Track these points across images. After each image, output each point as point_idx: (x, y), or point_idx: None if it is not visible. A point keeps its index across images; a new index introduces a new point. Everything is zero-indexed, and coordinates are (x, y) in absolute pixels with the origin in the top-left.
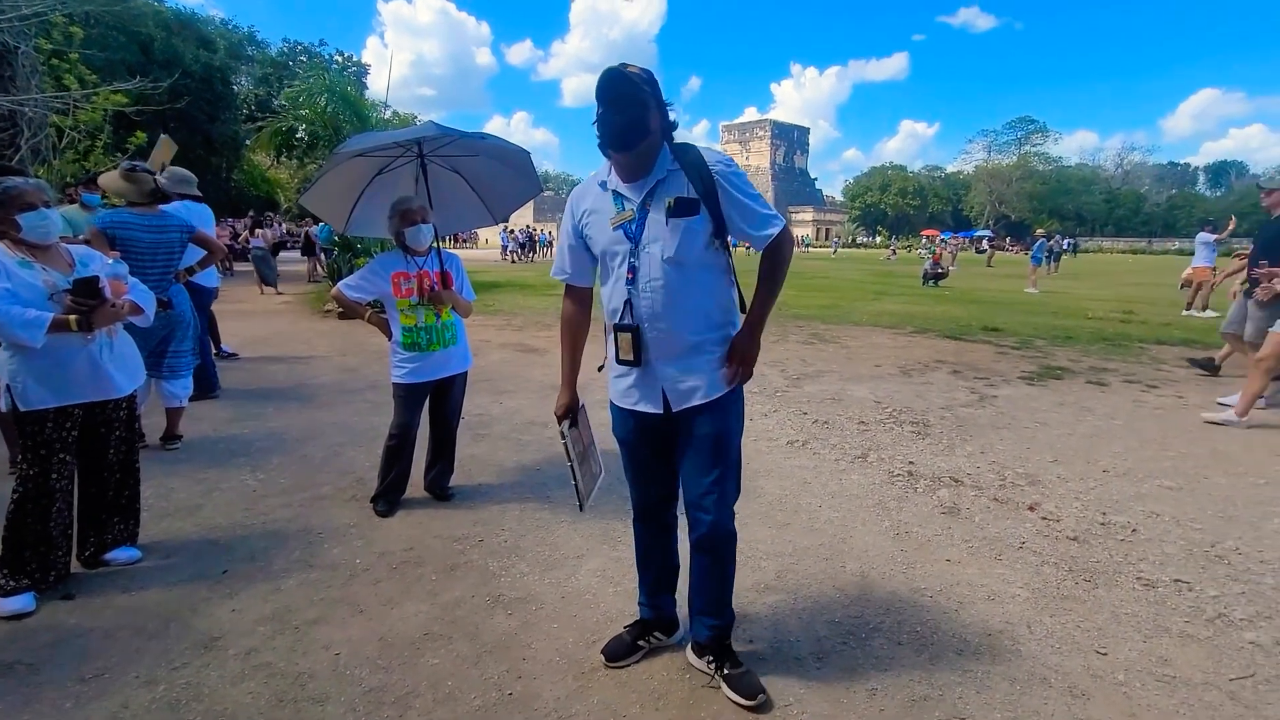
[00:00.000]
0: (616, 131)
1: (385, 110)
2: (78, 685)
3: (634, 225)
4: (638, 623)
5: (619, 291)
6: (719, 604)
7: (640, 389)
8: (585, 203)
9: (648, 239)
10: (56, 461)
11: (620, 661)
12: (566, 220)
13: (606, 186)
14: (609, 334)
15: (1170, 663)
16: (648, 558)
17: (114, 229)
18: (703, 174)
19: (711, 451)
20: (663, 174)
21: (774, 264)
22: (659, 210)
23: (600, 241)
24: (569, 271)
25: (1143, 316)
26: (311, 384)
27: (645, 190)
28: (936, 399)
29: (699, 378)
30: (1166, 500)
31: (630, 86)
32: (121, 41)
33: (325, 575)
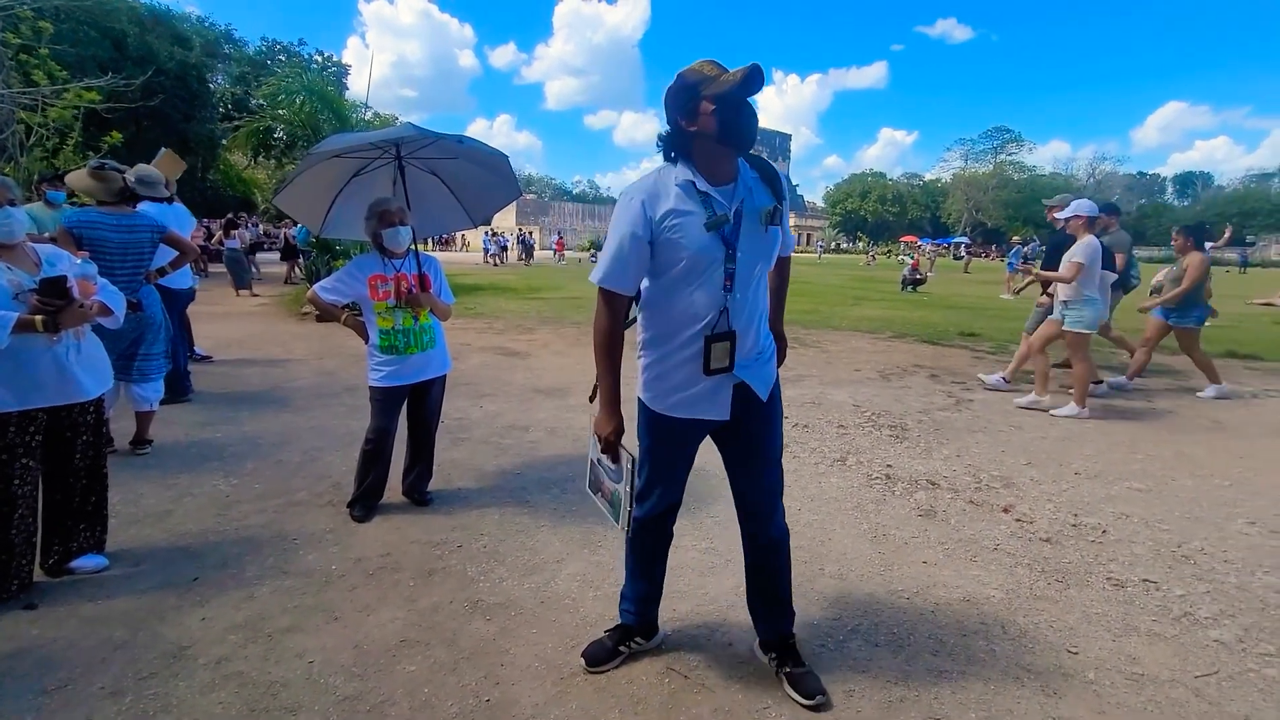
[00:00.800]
0: (753, 130)
1: (366, 111)
2: (39, 697)
3: (729, 231)
4: (619, 628)
5: (712, 299)
6: (779, 605)
7: (708, 398)
8: (665, 204)
9: (743, 246)
10: (19, 467)
11: (601, 666)
12: (631, 224)
13: (694, 187)
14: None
15: (1139, 661)
16: (647, 569)
17: (81, 228)
18: (777, 187)
19: (774, 450)
20: (751, 183)
21: (787, 278)
22: (752, 218)
23: (689, 246)
24: (628, 278)
25: (1113, 322)
26: (287, 387)
27: (737, 197)
28: (914, 403)
29: (766, 375)
30: (1135, 502)
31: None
32: (94, 37)
33: (300, 582)
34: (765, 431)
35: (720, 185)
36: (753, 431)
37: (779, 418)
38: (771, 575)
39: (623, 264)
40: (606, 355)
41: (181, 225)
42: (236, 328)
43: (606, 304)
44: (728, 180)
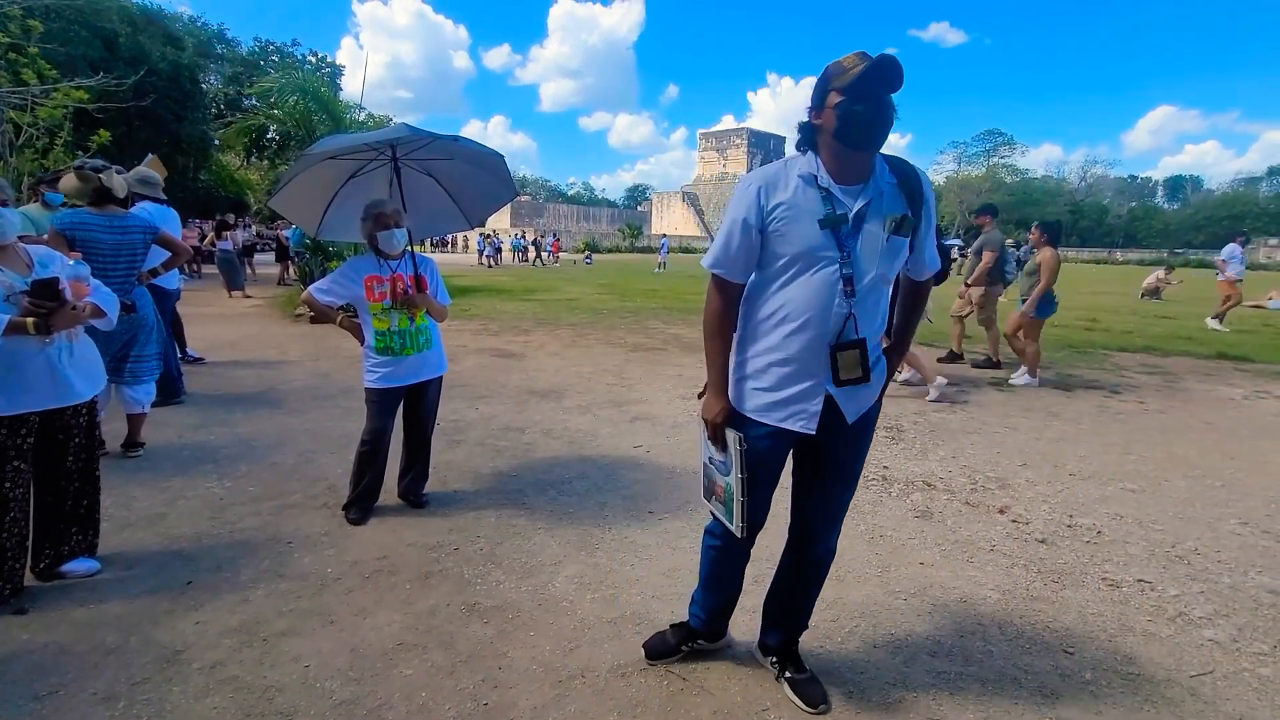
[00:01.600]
0: (876, 125)
1: (360, 112)
2: (31, 703)
3: (845, 232)
4: (684, 627)
5: (831, 303)
6: (799, 614)
7: (795, 405)
8: (780, 195)
9: (861, 250)
10: (11, 470)
11: (659, 660)
12: (745, 210)
13: (816, 182)
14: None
15: (1134, 661)
16: (721, 581)
17: (73, 230)
18: (917, 195)
19: (853, 471)
20: (884, 186)
21: (924, 297)
22: (877, 224)
23: (798, 242)
24: (738, 265)
25: (1105, 324)
26: (282, 389)
27: (865, 200)
28: (910, 404)
29: (862, 397)
30: (1129, 502)
31: (901, 80)
32: (84, 36)
33: (295, 585)
34: (850, 455)
35: (847, 184)
36: (836, 451)
37: (867, 442)
38: (802, 589)
39: (731, 250)
40: (714, 339)
41: (173, 227)
42: (230, 329)
43: (717, 290)
44: (856, 180)
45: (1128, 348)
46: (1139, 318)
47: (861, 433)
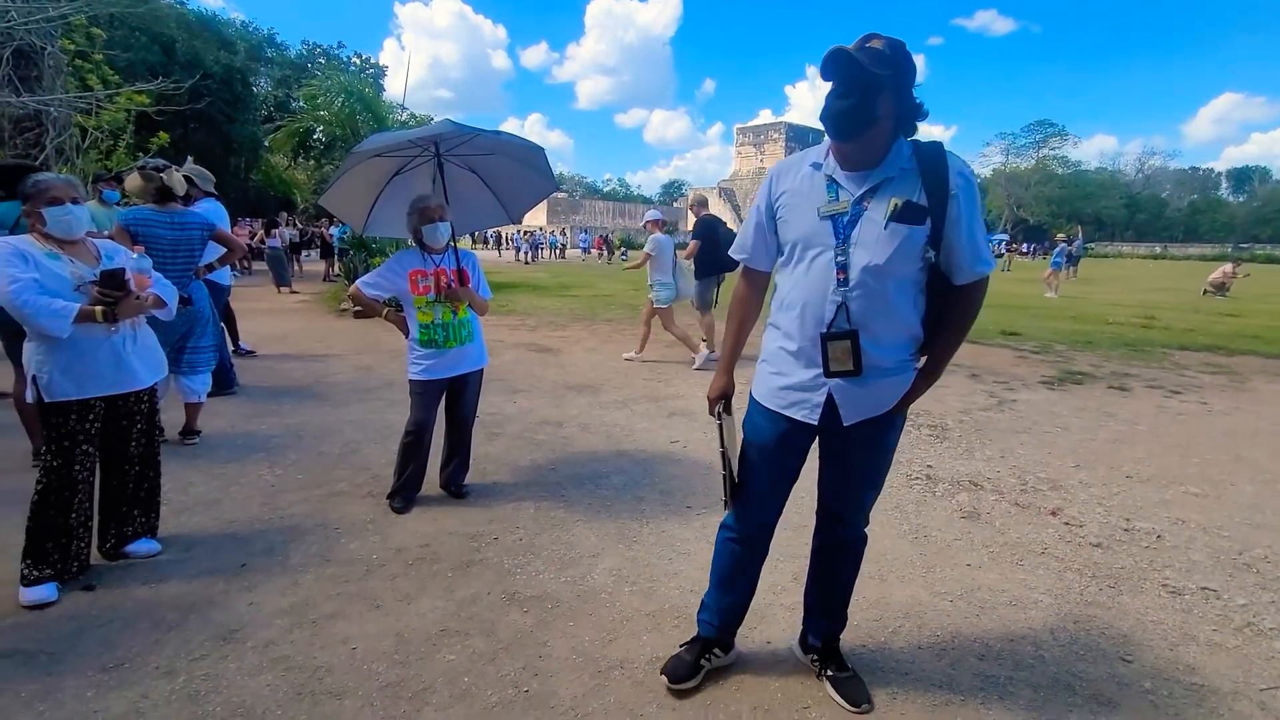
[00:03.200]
0: (832, 116)
1: (402, 112)
2: (99, 674)
3: (845, 220)
4: (697, 640)
5: (826, 293)
6: (835, 607)
7: (799, 393)
8: (787, 181)
9: (857, 239)
10: (79, 453)
11: (684, 683)
12: (761, 197)
13: (821, 169)
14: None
15: (1198, 671)
16: (731, 579)
17: (136, 225)
18: (939, 183)
19: (869, 467)
20: (894, 171)
21: (967, 307)
22: (878, 210)
23: (799, 227)
24: (749, 252)
25: (1164, 322)
26: (328, 381)
27: (868, 185)
28: (954, 402)
29: (874, 395)
30: (1192, 507)
31: (855, 69)
32: (144, 42)
33: (342, 570)
34: (860, 458)
35: (852, 170)
36: (846, 450)
37: (884, 447)
38: (838, 576)
39: (747, 236)
40: (730, 320)
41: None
42: (279, 324)
43: (742, 274)
44: (863, 166)
45: (1189, 346)
46: (1202, 315)
47: (873, 440)
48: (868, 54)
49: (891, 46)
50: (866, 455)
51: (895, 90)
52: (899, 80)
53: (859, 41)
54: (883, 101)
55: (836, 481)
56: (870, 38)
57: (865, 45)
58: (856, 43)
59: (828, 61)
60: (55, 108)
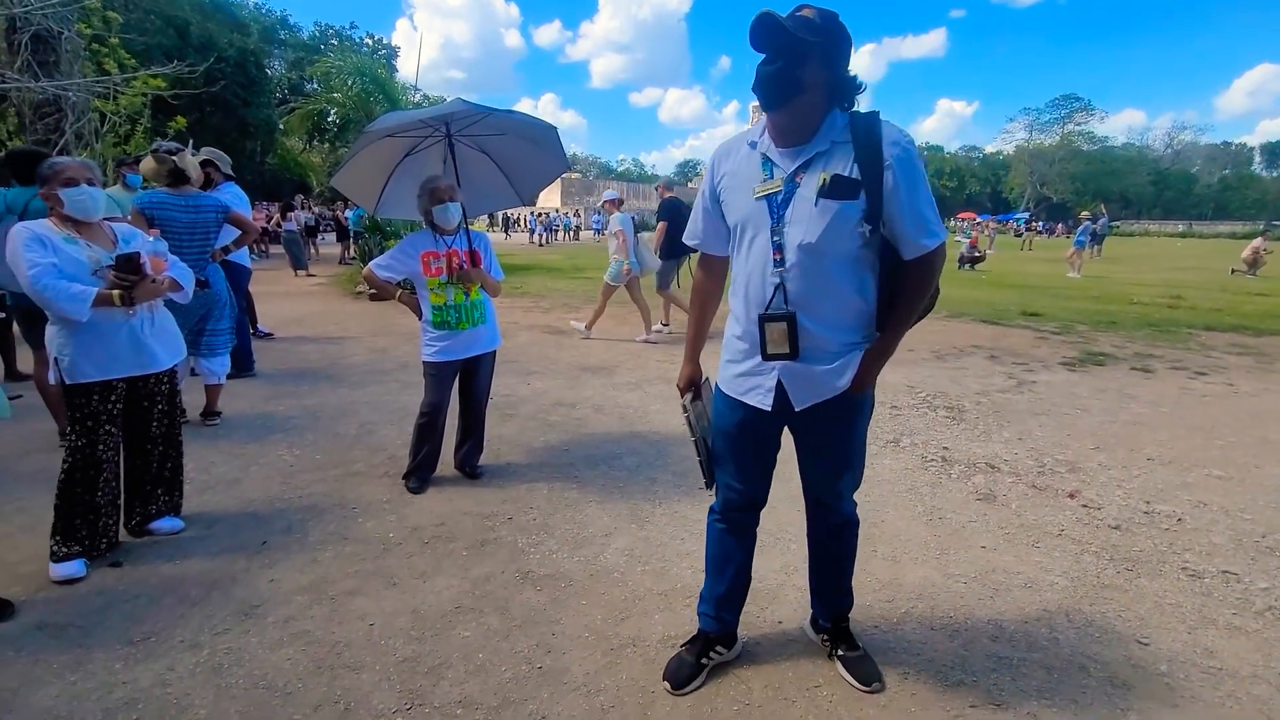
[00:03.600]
0: (760, 82)
1: (415, 93)
2: (126, 647)
3: (779, 199)
4: (699, 637)
5: (764, 274)
6: (836, 589)
7: (753, 379)
8: (727, 163)
9: (790, 217)
10: (103, 433)
11: (685, 688)
12: (705, 181)
13: (756, 147)
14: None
15: (1216, 654)
16: (722, 565)
17: (152, 209)
18: (873, 154)
19: (836, 450)
20: (825, 145)
21: (918, 283)
22: (810, 186)
23: (737, 210)
24: (701, 238)
25: (1191, 302)
26: (344, 363)
27: (800, 160)
28: (972, 384)
29: (822, 378)
30: (1215, 489)
31: (781, 34)
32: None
33: (360, 548)
34: (823, 440)
35: (785, 146)
36: (808, 433)
37: (847, 430)
38: (833, 559)
39: (695, 222)
40: (693, 308)
41: (244, 204)
42: (296, 307)
43: (699, 261)
44: (795, 141)
45: (1216, 326)
46: (1229, 295)
47: (835, 423)
48: (795, 20)
49: (823, 15)
50: (830, 439)
51: (825, 59)
52: (829, 49)
53: (791, 11)
54: (810, 69)
55: (809, 467)
56: (802, 6)
57: (796, 13)
58: (790, 12)
59: (754, 27)
60: (74, 92)
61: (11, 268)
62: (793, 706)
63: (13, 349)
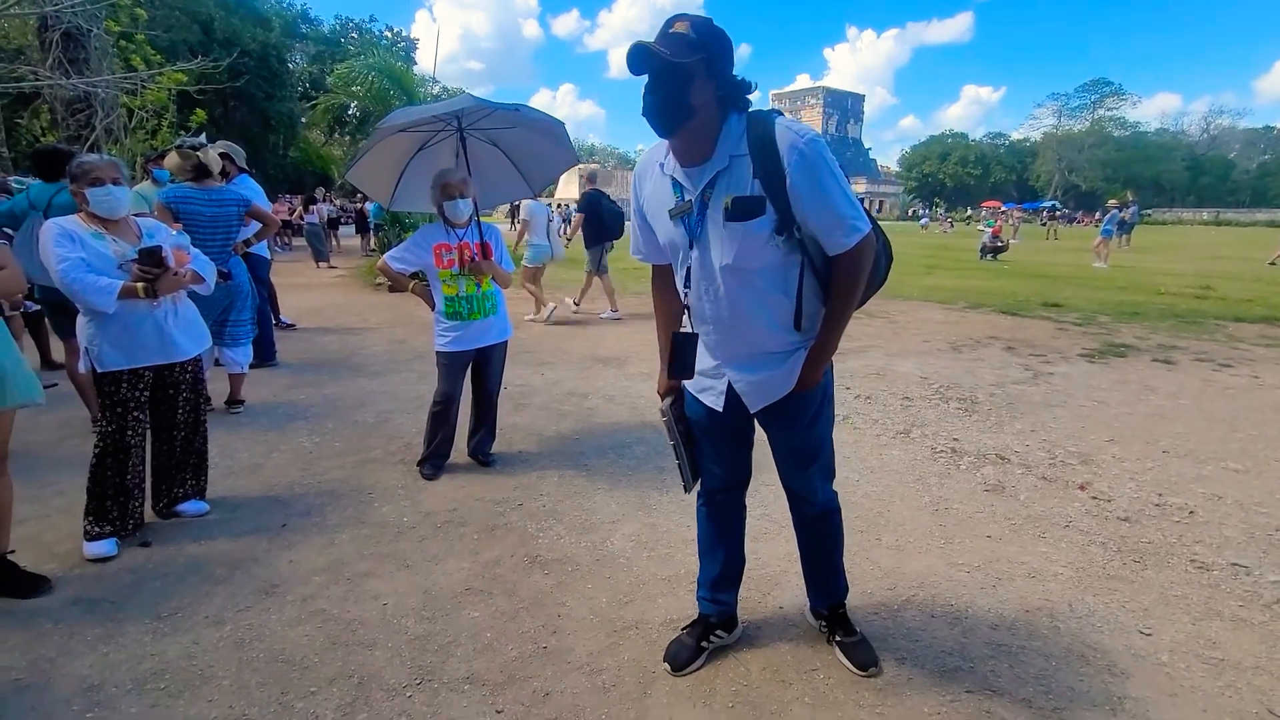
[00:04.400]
0: (650, 112)
1: (434, 85)
2: (155, 622)
3: (693, 220)
4: (698, 621)
5: (684, 288)
6: (825, 576)
7: (706, 381)
8: (646, 185)
9: (707, 239)
10: (131, 419)
11: (686, 669)
12: (632, 200)
13: (665, 169)
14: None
15: (1219, 645)
16: (713, 546)
17: (176, 203)
18: (772, 164)
19: (799, 445)
20: (724, 162)
21: (848, 277)
22: (717, 207)
23: (661, 232)
24: (644, 251)
25: (1221, 292)
26: (363, 354)
27: (704, 180)
28: (987, 375)
29: (770, 381)
30: (1230, 482)
31: (659, 63)
32: (183, 22)
33: (375, 531)
34: (783, 436)
35: (689, 165)
36: (770, 430)
37: (805, 425)
38: (818, 546)
39: (636, 238)
40: (658, 318)
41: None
42: (317, 298)
43: (652, 271)
44: (697, 159)
45: (1245, 318)
46: (1263, 284)
47: (792, 420)
48: (671, 42)
49: (697, 28)
50: (792, 435)
51: (709, 73)
52: (711, 62)
53: (662, 28)
54: (696, 89)
55: (779, 461)
56: (674, 21)
57: (668, 32)
58: (659, 32)
59: (631, 58)
60: (103, 89)
61: (43, 261)
62: (789, 689)
63: (47, 340)
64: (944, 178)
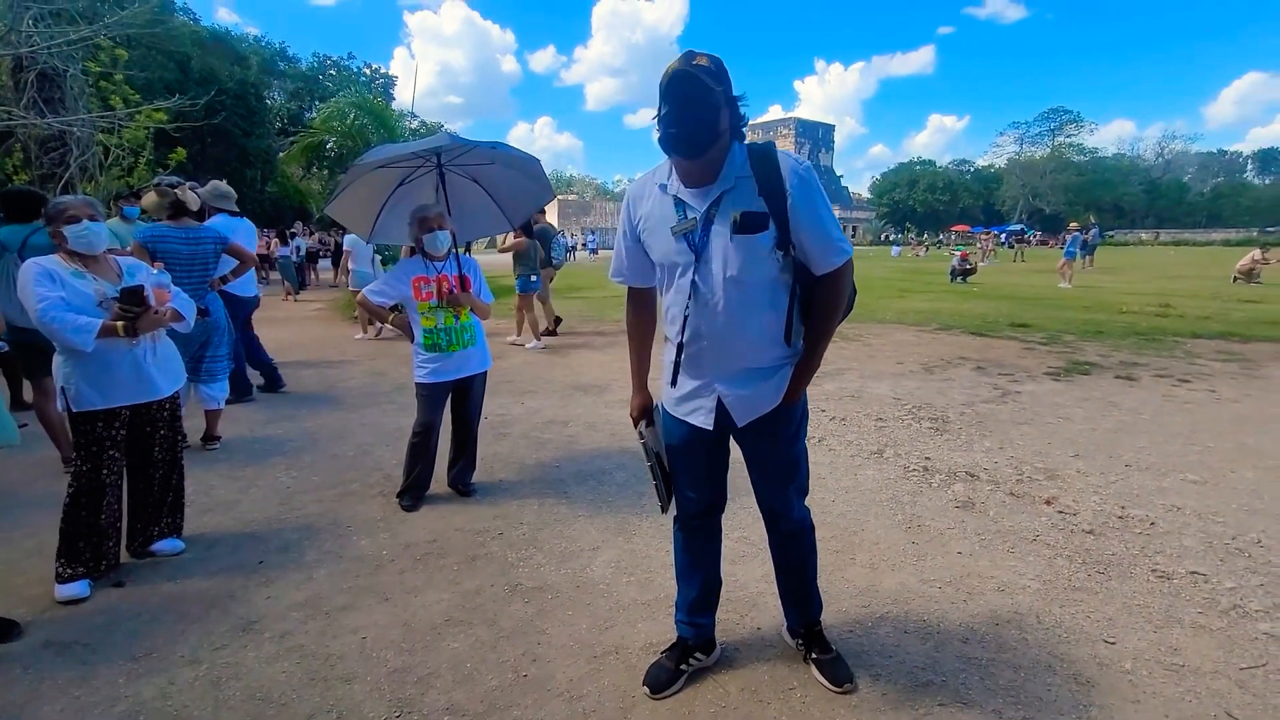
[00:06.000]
0: (682, 137)
1: (413, 120)
2: (129, 663)
3: (697, 236)
4: (677, 644)
5: (678, 305)
6: (801, 594)
7: (693, 401)
8: (643, 206)
9: (711, 254)
10: (107, 458)
11: (664, 692)
12: (623, 221)
13: (667, 190)
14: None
15: (1180, 652)
16: (690, 571)
17: (154, 242)
18: (774, 186)
19: (780, 460)
20: (730, 182)
21: (832, 295)
22: (724, 223)
23: (659, 249)
24: (626, 274)
25: (1180, 310)
26: (341, 387)
27: (710, 199)
28: (958, 395)
29: (759, 395)
30: (1189, 494)
31: (699, 87)
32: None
33: (354, 565)
34: (767, 451)
35: (695, 186)
36: (752, 446)
37: (787, 440)
38: (793, 564)
39: (619, 260)
40: (631, 342)
41: (247, 238)
42: (295, 332)
43: (628, 296)
44: (702, 181)
45: (1202, 334)
46: (1220, 302)
47: (773, 435)
48: (704, 72)
49: (714, 61)
50: (773, 450)
51: (727, 102)
52: (728, 92)
53: (684, 59)
54: (721, 115)
55: (758, 480)
56: (693, 55)
57: (695, 63)
58: (682, 60)
59: (676, 83)
60: (79, 128)
61: (22, 301)
62: (767, 708)
63: (20, 380)
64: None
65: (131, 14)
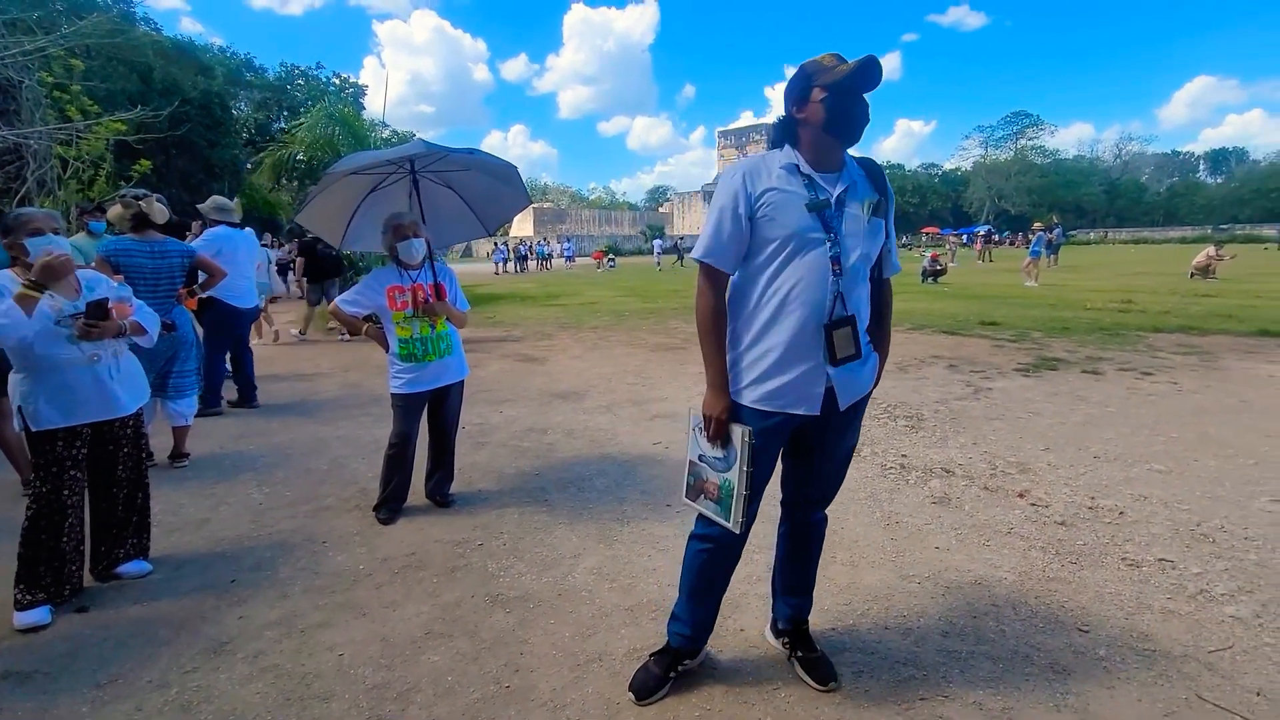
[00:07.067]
0: (862, 123)
1: (384, 129)
2: (94, 691)
3: (830, 213)
4: (666, 651)
5: (823, 283)
6: (808, 581)
7: (797, 390)
8: (765, 181)
9: (845, 233)
10: (68, 479)
11: (650, 699)
12: (732, 199)
13: (797, 169)
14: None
15: (1151, 638)
16: (706, 594)
17: (117, 256)
18: (882, 188)
19: (845, 452)
20: (857, 175)
21: (889, 299)
22: (856, 206)
23: (789, 223)
24: (728, 256)
25: (1141, 306)
26: (315, 399)
27: (843, 185)
28: (932, 393)
29: (862, 378)
30: (1155, 483)
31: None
32: (122, 71)
33: (330, 581)
34: (839, 442)
35: (825, 171)
36: (828, 437)
37: (856, 430)
38: (812, 554)
39: (721, 239)
40: (710, 334)
41: (249, 249)
42: (266, 343)
43: (708, 281)
44: (833, 168)
45: (1163, 328)
46: (1178, 298)
47: (849, 422)
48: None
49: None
50: (848, 438)
51: None
52: None
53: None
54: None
55: (821, 468)
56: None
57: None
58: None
59: (872, 70)
60: (35, 140)
61: None
62: (752, 709)
63: None
64: None
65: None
